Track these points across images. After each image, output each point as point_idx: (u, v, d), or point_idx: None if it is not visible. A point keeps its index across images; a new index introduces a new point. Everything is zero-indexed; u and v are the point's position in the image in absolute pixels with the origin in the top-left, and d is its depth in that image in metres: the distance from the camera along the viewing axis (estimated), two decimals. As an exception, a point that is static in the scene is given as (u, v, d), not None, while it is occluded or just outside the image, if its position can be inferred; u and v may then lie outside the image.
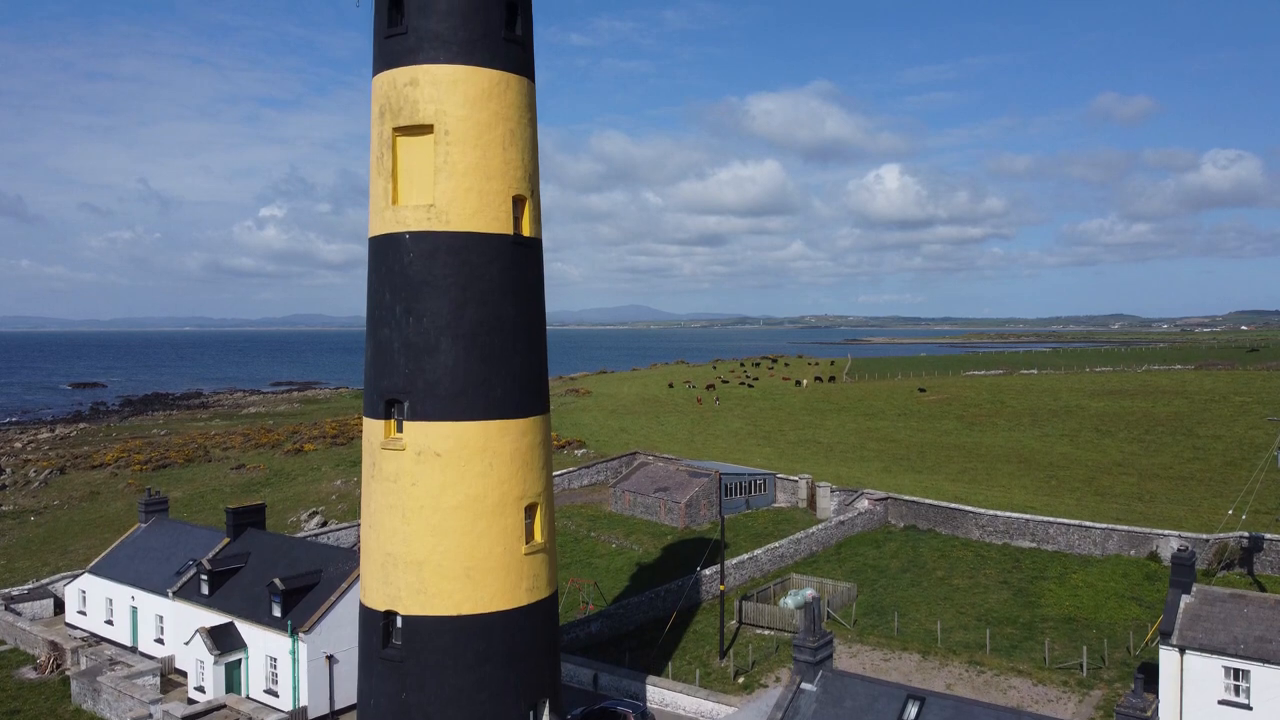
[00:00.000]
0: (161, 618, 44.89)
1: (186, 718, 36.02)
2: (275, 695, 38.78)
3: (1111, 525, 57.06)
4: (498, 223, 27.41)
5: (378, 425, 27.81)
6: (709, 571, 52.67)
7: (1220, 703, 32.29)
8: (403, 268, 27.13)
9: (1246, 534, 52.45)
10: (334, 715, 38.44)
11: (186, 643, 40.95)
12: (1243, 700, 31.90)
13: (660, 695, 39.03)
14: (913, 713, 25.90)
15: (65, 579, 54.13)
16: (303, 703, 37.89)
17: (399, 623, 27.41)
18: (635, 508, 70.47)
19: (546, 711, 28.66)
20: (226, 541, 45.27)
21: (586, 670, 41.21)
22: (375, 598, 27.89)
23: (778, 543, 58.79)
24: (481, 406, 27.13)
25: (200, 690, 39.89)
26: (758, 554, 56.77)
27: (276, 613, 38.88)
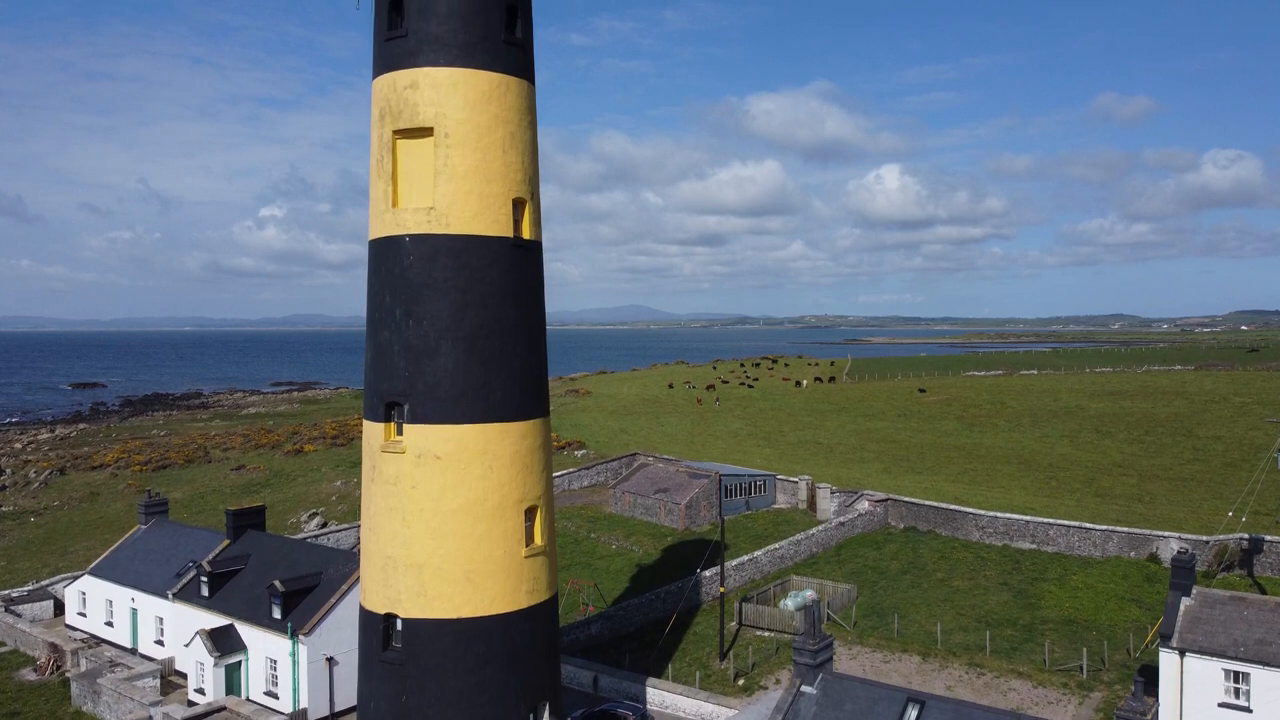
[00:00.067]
0: (161, 619, 44.89)
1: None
2: (275, 697, 38.78)
3: (1111, 527, 57.07)
4: (498, 225, 27.41)
5: (378, 428, 27.81)
6: (709, 573, 52.67)
7: (1220, 705, 32.30)
8: (403, 270, 27.13)
9: (1246, 536, 52.47)
10: (334, 717, 38.43)
11: (186, 645, 40.94)
12: (1243, 703, 31.91)
13: (660, 697, 39.03)
14: (913, 716, 25.89)
15: (65, 580, 54.15)
16: (303, 705, 37.89)
17: (399, 625, 27.41)
18: (635, 509, 70.48)
19: (546, 714, 28.66)
20: (226, 543, 45.27)
21: (586, 672, 41.21)
22: (375, 600, 27.89)
23: (778, 544, 58.80)
24: (481, 409, 27.13)
25: (200, 692, 39.89)
26: (758, 555, 56.78)
27: (276, 615, 38.88)
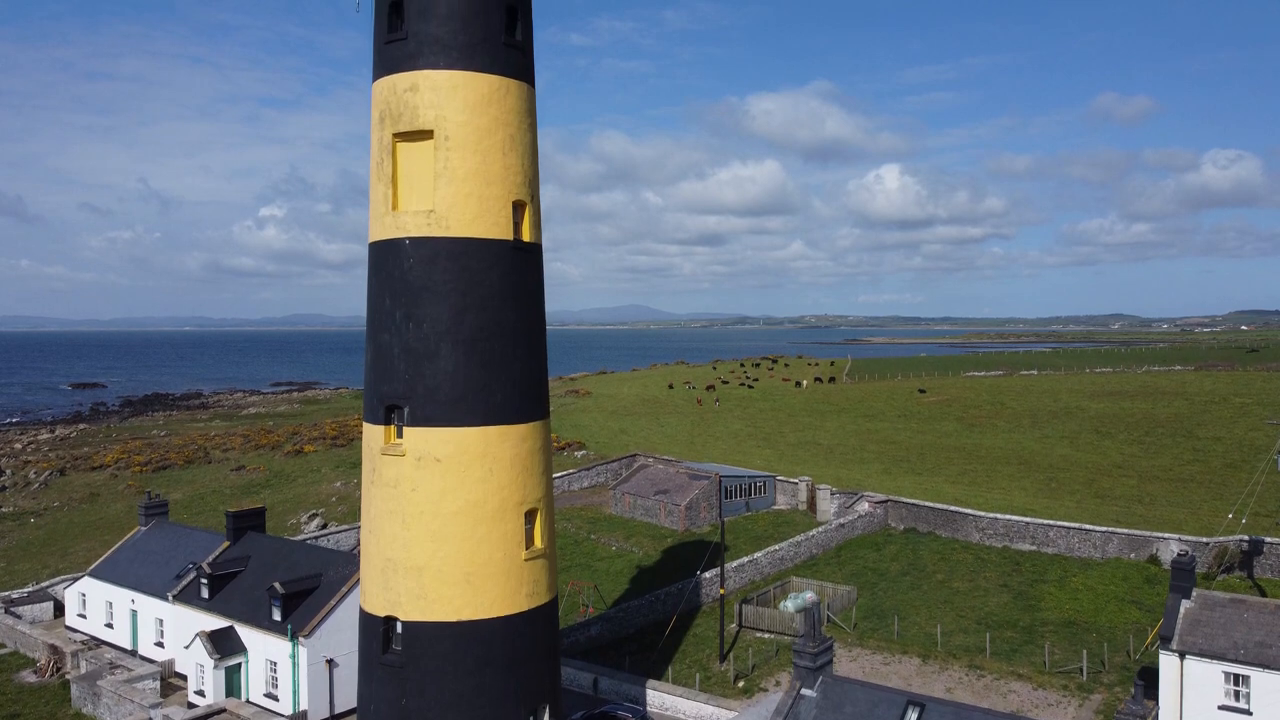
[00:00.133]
0: (161, 621, 44.89)
1: (186, 722, 36.06)
2: (275, 699, 38.78)
3: (1111, 528, 57.07)
4: (498, 228, 27.38)
5: (378, 431, 27.79)
6: (709, 575, 52.66)
7: (1220, 708, 32.29)
8: (403, 273, 27.10)
9: (1246, 537, 52.47)
10: (334, 719, 38.43)
11: (186, 646, 40.93)
12: (1243, 705, 31.91)
13: (660, 699, 39.02)
14: (913, 718, 25.91)
15: (65, 582, 54.14)
16: (303, 707, 37.90)
17: (399, 628, 27.38)
18: (635, 510, 70.47)
19: (546, 716, 28.64)
20: (226, 545, 45.28)
21: (586, 674, 41.20)
22: (375, 603, 27.87)
23: (778, 546, 58.79)
24: (481, 412, 27.10)
25: (200, 694, 39.89)
26: (758, 557, 56.76)
27: (276, 617, 38.88)
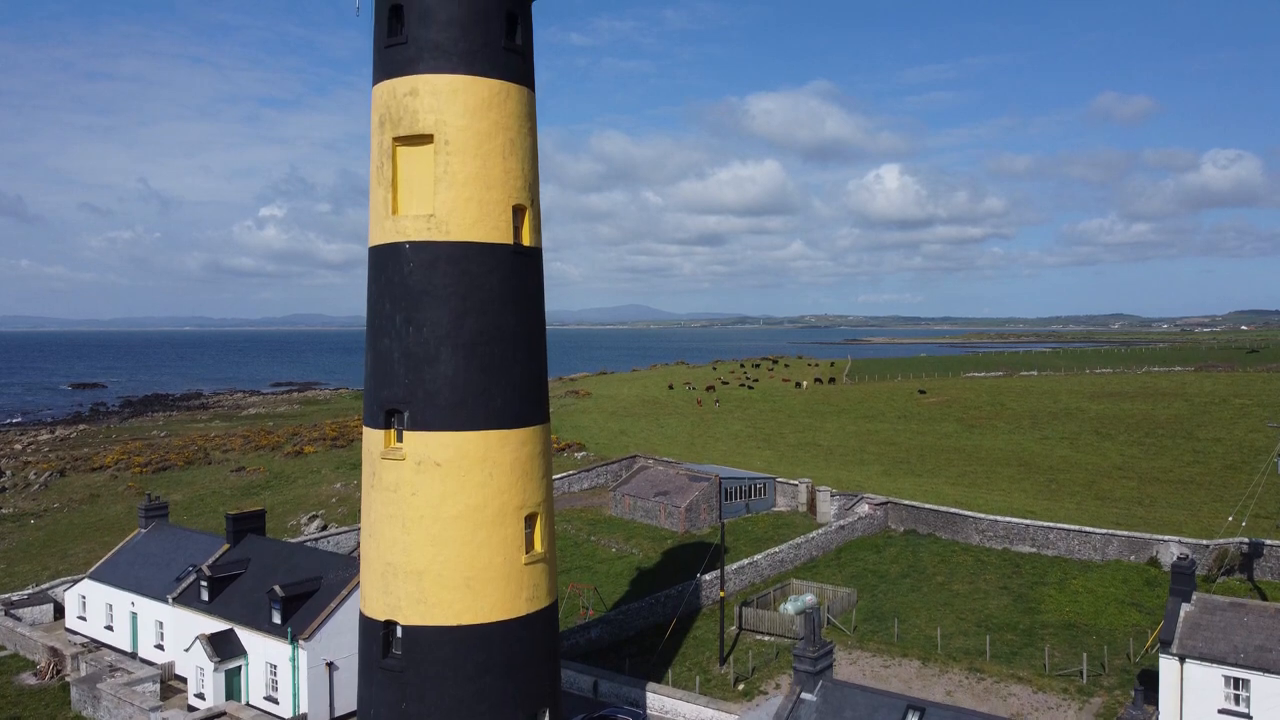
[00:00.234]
0: (161, 624, 44.89)
1: (186, 725, 36.07)
2: (275, 702, 38.78)
3: (1111, 530, 57.08)
4: (498, 232, 27.37)
5: (378, 435, 27.78)
6: (709, 577, 52.66)
7: (1220, 712, 32.30)
8: (403, 278, 27.09)
9: (1247, 539, 52.46)
10: (334, 722, 38.45)
11: (186, 649, 40.94)
12: (1243, 709, 31.92)
13: (660, 702, 39.02)
14: (913, 723, 25.91)
15: (65, 584, 54.15)
16: (303, 710, 37.90)
17: (399, 632, 27.38)
18: (635, 511, 70.47)
19: (546, 720, 28.64)
20: (226, 547, 45.27)
21: (586, 677, 41.19)
22: (375, 607, 27.86)
23: (778, 548, 58.79)
24: (481, 416, 27.09)
25: (200, 697, 39.90)
26: (758, 559, 56.77)
27: (276, 619, 38.89)
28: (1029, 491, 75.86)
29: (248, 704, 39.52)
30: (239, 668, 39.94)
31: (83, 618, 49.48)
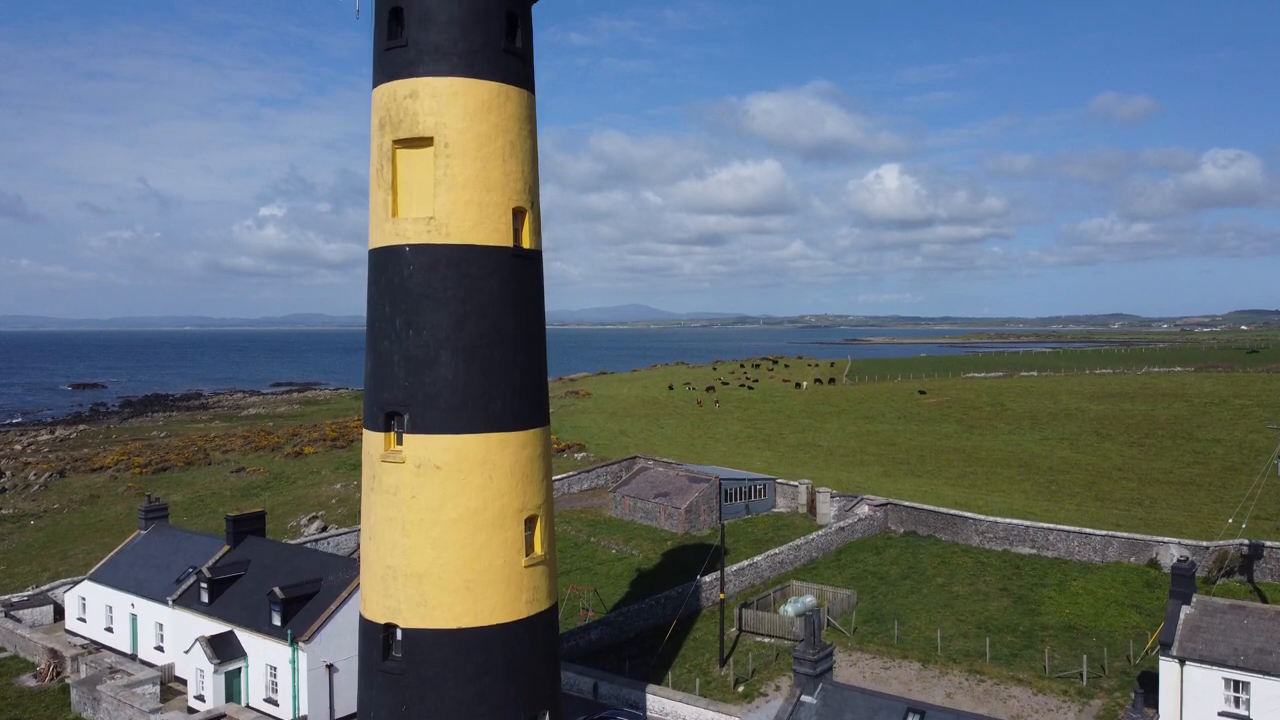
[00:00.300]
0: (161, 625, 44.88)
1: (186, 727, 36.05)
2: (275, 704, 38.77)
3: (1111, 532, 57.08)
4: (498, 235, 27.36)
5: (377, 438, 27.76)
6: (709, 578, 52.66)
7: (1220, 714, 32.30)
8: (402, 280, 27.08)
9: (1247, 541, 52.45)
10: (334, 724, 38.43)
11: (186, 651, 40.94)
12: (1243, 712, 31.91)
13: (660, 704, 39.02)
14: (913, 727, 25.91)
15: (65, 585, 54.13)
16: (303, 712, 37.89)
17: (399, 635, 27.37)
18: (635, 513, 70.47)
19: (546, 723, 28.62)
20: (226, 549, 45.26)
21: (586, 679, 41.18)
22: (375, 610, 27.85)
23: (778, 549, 58.79)
24: (481, 419, 27.07)
25: (200, 699, 39.89)
26: (758, 560, 56.76)
27: (276, 621, 38.88)
28: (1029, 493, 75.86)
29: (248, 706, 39.52)
30: (239, 670, 39.95)
31: (83, 619, 49.47)
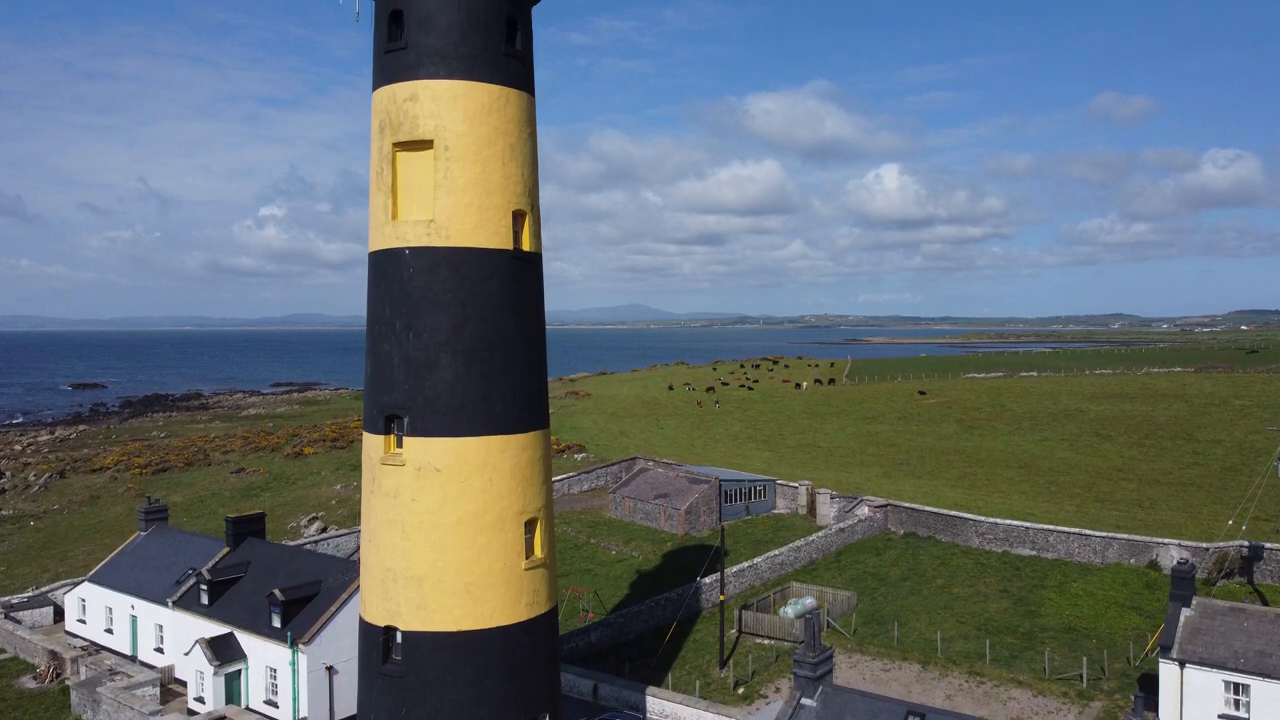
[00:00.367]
0: (161, 627, 44.88)
1: (186, 729, 36.05)
2: (275, 706, 38.77)
3: (1111, 534, 57.09)
4: (497, 238, 27.36)
5: (377, 440, 27.77)
6: (709, 580, 52.65)
7: (1220, 717, 32.29)
8: (402, 283, 27.08)
9: (1247, 543, 52.45)
10: (334, 726, 38.43)
11: (186, 653, 40.94)
12: (1243, 715, 31.91)
13: (660, 706, 39.00)
14: (913, 730, 25.91)
15: (65, 587, 54.10)
16: (303, 714, 37.88)
17: (399, 638, 27.38)
18: (635, 514, 70.46)
19: (546, 726, 28.62)
20: (226, 551, 45.25)
21: (586, 681, 41.16)
22: (375, 613, 27.85)
23: (778, 550, 58.78)
24: (481, 422, 27.08)
25: (200, 701, 39.88)
26: (758, 562, 56.75)
27: (276, 623, 38.88)
28: (1029, 494, 75.85)
29: (248, 708, 39.52)
30: (239, 671, 39.94)
31: (82, 621, 49.47)
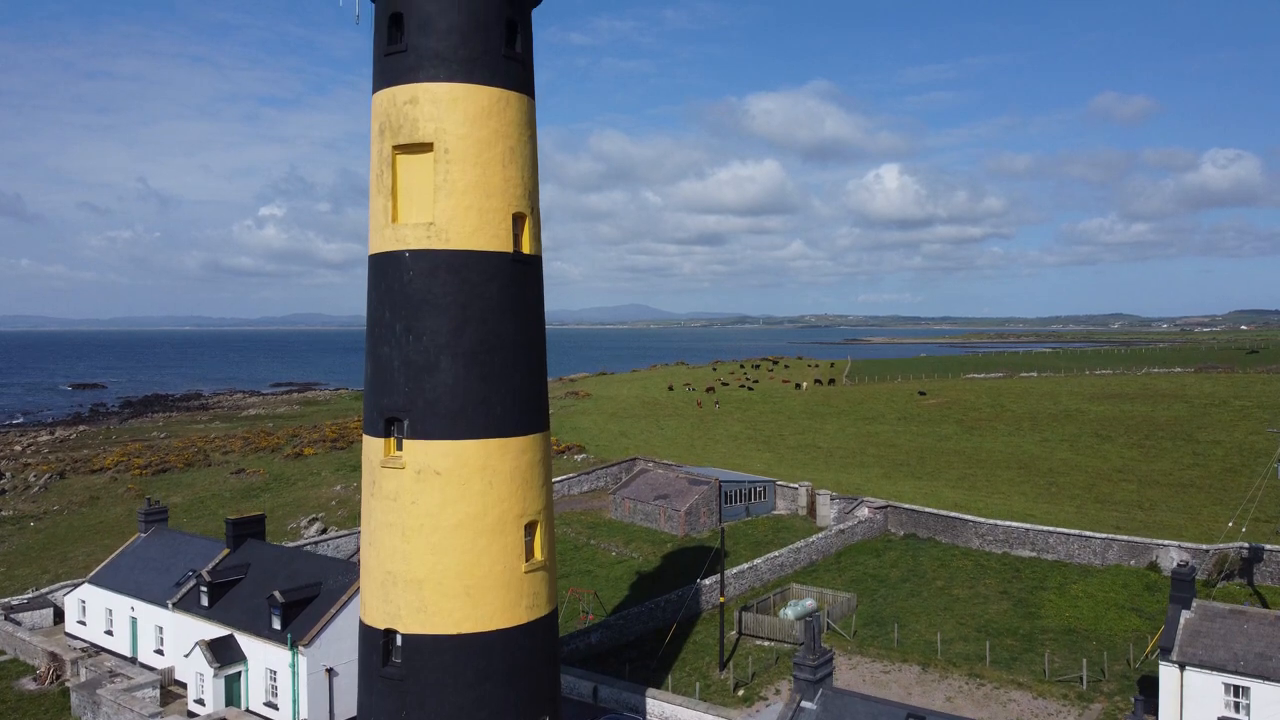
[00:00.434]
0: (161, 629, 44.89)
1: (186, 732, 36.04)
2: (275, 708, 38.77)
3: (1111, 535, 57.08)
4: (497, 241, 27.36)
5: (377, 443, 27.77)
6: (709, 581, 52.65)
7: (1220, 719, 32.28)
8: (402, 286, 27.08)
9: (1246, 544, 52.44)
10: (334, 728, 38.42)
11: (186, 655, 40.93)
12: (1243, 717, 31.91)
13: (660, 708, 38.99)
14: (913, 733, 25.89)
15: (65, 588, 54.10)
16: (303, 716, 37.87)
17: (399, 641, 27.38)
18: (635, 515, 70.47)
19: (546, 729, 28.62)
20: (226, 552, 45.25)
21: (586, 683, 41.15)
22: (375, 616, 27.85)
23: (778, 552, 58.77)
24: (481, 425, 27.08)
25: (200, 703, 39.87)
26: (758, 563, 56.74)
27: (276, 625, 38.87)
28: (1029, 495, 75.84)
29: (248, 710, 39.51)
30: (239, 673, 39.94)
31: (82, 622, 49.46)
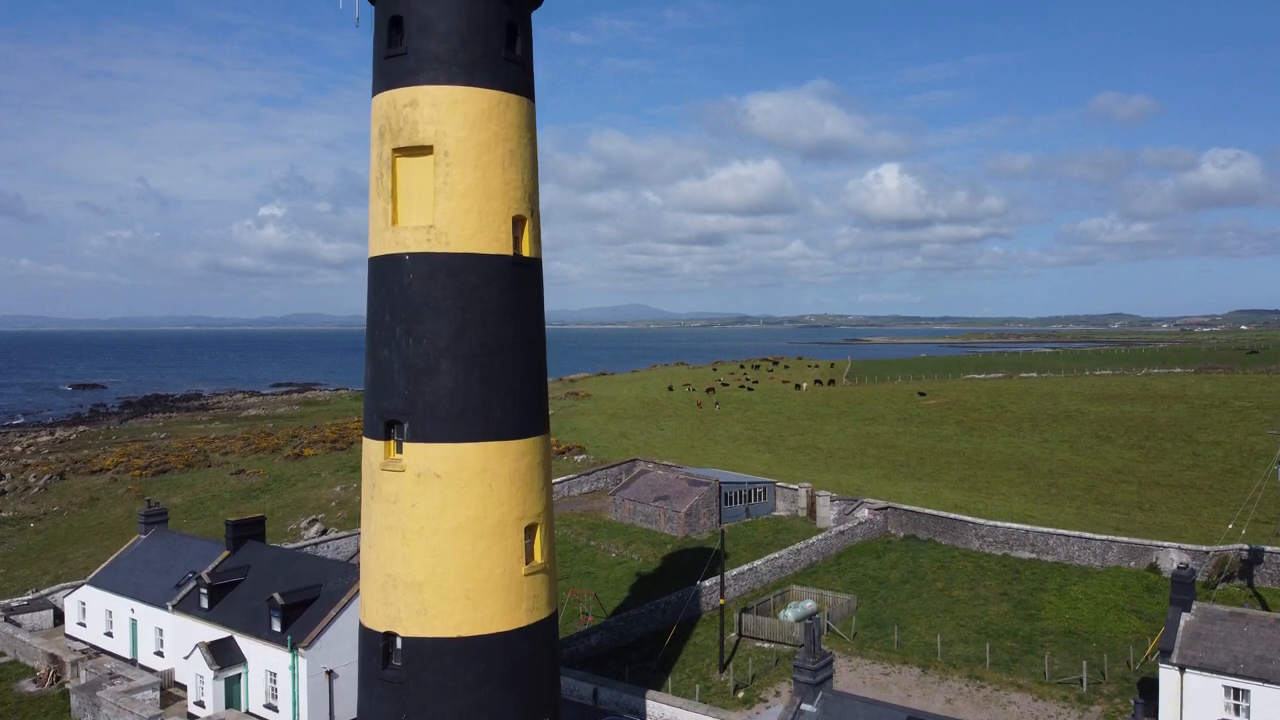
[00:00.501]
0: (161, 631, 44.87)
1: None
2: (275, 710, 38.75)
3: (1111, 536, 57.09)
4: (497, 243, 27.36)
5: (377, 446, 27.77)
6: (709, 583, 52.64)
7: (1220, 722, 32.28)
8: (402, 289, 27.08)
9: (1246, 546, 52.44)
10: (333, 730, 38.41)
11: (186, 657, 40.92)
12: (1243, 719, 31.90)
13: (660, 710, 38.98)
14: (913, 736, 25.90)
15: (65, 590, 54.10)
16: (303, 718, 37.86)
17: (399, 644, 27.38)
18: (635, 516, 70.47)
19: (546, 731, 28.61)
20: (226, 554, 45.23)
21: (586, 685, 41.14)
22: (375, 618, 27.85)
23: (778, 553, 58.76)
24: (481, 428, 27.08)
25: (200, 705, 39.87)
26: (757, 565, 56.73)
27: (276, 627, 38.85)
28: (1029, 496, 75.84)
29: (247, 712, 39.50)
30: (239, 675, 39.92)
31: (82, 624, 49.45)
